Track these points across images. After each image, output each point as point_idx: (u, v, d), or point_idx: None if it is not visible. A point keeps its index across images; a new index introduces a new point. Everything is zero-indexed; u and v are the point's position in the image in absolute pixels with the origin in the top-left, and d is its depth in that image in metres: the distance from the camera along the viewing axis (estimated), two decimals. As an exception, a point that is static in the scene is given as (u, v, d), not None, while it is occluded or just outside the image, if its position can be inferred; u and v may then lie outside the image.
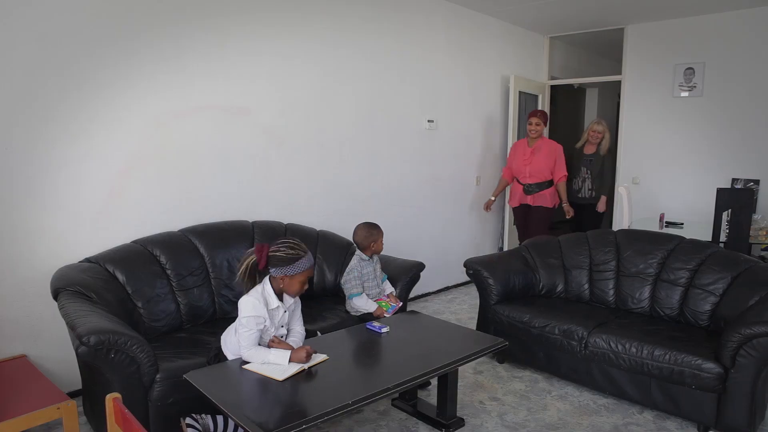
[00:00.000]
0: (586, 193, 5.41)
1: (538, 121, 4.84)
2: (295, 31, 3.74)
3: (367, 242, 3.17)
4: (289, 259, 2.29)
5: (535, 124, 4.84)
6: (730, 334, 2.57)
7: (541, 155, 4.87)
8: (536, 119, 4.84)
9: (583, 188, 5.42)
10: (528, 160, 4.90)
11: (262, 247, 2.31)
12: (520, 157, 4.96)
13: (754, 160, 5.20)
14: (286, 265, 2.29)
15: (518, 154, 5.01)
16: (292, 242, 2.36)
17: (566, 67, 6.85)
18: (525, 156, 4.93)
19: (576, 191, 5.41)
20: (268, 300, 2.33)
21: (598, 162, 5.30)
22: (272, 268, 2.31)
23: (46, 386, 2.48)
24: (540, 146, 4.89)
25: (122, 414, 1.42)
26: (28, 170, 2.71)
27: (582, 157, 5.40)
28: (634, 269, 3.45)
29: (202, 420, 2.30)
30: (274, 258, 2.30)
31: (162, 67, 3.10)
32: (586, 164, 5.36)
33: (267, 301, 2.32)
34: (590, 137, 5.32)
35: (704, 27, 5.37)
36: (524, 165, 4.92)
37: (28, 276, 2.76)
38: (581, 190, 5.42)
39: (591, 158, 5.33)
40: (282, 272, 2.30)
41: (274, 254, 2.30)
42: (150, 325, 2.81)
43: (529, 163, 4.89)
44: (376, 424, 2.78)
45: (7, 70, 2.60)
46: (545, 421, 2.83)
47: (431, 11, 4.77)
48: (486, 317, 3.52)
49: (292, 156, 3.84)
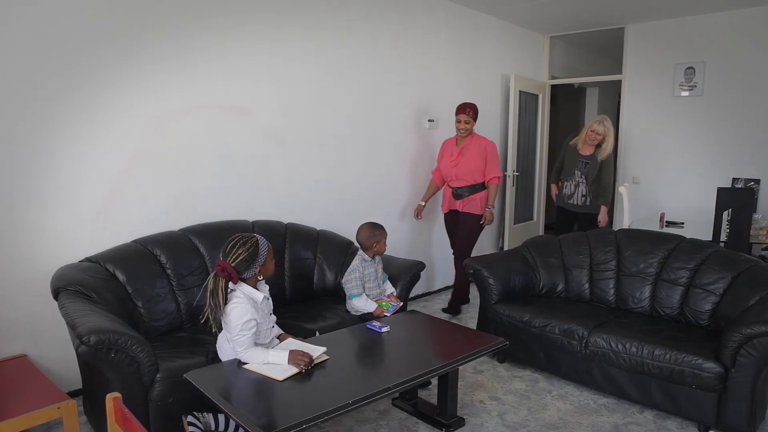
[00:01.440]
0: (579, 200, 4.72)
1: (467, 118, 4.22)
2: (295, 31, 3.73)
3: (370, 242, 3.17)
4: (252, 253, 2.33)
5: (464, 122, 4.22)
6: (730, 334, 2.57)
7: (469, 155, 4.28)
8: (465, 116, 4.22)
9: (576, 194, 4.73)
10: (455, 161, 4.30)
11: (223, 264, 2.28)
12: (448, 158, 4.37)
13: (755, 159, 5.20)
14: (254, 259, 2.34)
15: (446, 155, 4.41)
16: (237, 239, 2.35)
17: (566, 66, 6.85)
18: (452, 157, 4.33)
19: (567, 196, 4.78)
20: (252, 297, 2.36)
21: (594, 166, 4.59)
22: (245, 272, 2.34)
23: (46, 386, 2.48)
24: (469, 145, 4.29)
25: (122, 413, 1.42)
26: (29, 170, 2.71)
27: (576, 158, 4.71)
28: (634, 269, 3.45)
29: (203, 418, 2.31)
30: (241, 263, 2.31)
31: (162, 66, 3.10)
32: (580, 167, 4.68)
33: (252, 298, 2.35)
34: (587, 137, 4.61)
35: (705, 26, 5.36)
36: (451, 167, 4.33)
37: (28, 275, 2.76)
38: (573, 195, 4.74)
39: (587, 161, 4.65)
40: (255, 267, 2.36)
41: (237, 261, 2.30)
42: (150, 325, 2.81)
43: (456, 164, 4.30)
44: (376, 423, 2.78)
45: (8, 71, 2.60)
46: (545, 420, 2.82)
47: (431, 10, 4.77)
48: (486, 317, 3.52)
49: (292, 155, 3.84)
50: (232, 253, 2.31)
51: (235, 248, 2.32)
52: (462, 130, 4.26)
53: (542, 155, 6.51)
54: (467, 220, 4.35)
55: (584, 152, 4.67)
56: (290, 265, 3.48)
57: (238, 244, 2.33)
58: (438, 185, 4.55)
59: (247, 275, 2.36)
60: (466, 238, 4.38)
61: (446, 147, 4.46)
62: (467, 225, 4.36)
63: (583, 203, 4.70)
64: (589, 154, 4.63)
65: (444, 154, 4.44)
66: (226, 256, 2.31)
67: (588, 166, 4.62)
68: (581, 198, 4.71)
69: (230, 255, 2.31)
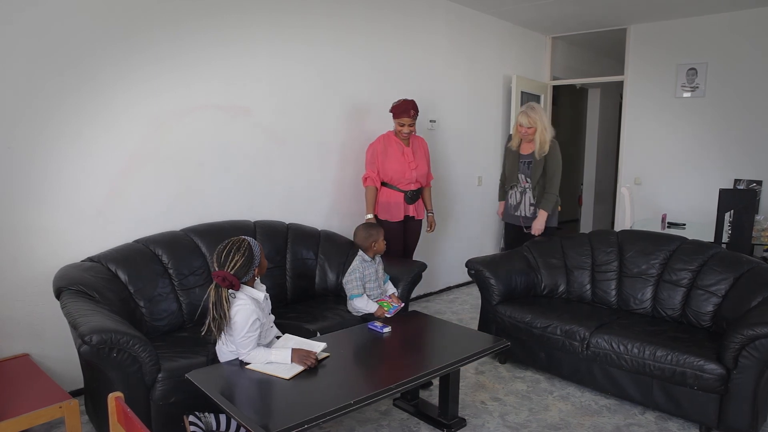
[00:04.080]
0: (527, 211, 3.90)
1: (412, 121, 3.77)
2: (295, 31, 3.74)
3: (368, 243, 3.17)
4: (248, 257, 2.33)
5: (408, 125, 3.76)
6: (732, 336, 2.57)
7: (419, 156, 3.92)
8: (410, 119, 3.75)
9: (523, 203, 3.90)
10: (413, 163, 3.85)
11: (222, 274, 2.26)
12: (398, 159, 3.81)
13: (757, 160, 5.19)
14: (251, 262, 2.35)
15: (393, 156, 3.81)
16: (229, 246, 2.33)
17: (568, 67, 6.84)
18: (407, 158, 3.84)
19: (513, 208, 3.97)
20: (255, 297, 2.37)
21: (537, 166, 3.80)
22: (244, 277, 2.34)
23: (48, 385, 2.48)
24: (416, 144, 3.94)
25: (124, 413, 1.42)
26: (30, 170, 2.72)
27: (518, 160, 3.92)
28: (636, 270, 3.45)
29: (204, 418, 2.31)
30: (240, 269, 2.31)
31: (163, 66, 3.11)
32: (523, 169, 3.89)
33: (255, 298, 2.36)
34: (518, 133, 3.86)
35: (707, 27, 5.36)
36: (410, 169, 3.83)
37: (30, 275, 2.77)
38: (519, 206, 3.92)
39: (528, 160, 3.86)
40: (253, 268, 2.37)
41: (236, 267, 2.30)
42: (152, 325, 2.81)
43: (415, 167, 3.85)
44: (377, 423, 2.78)
45: (9, 71, 2.61)
46: (547, 421, 2.82)
47: (432, 11, 4.77)
48: (488, 317, 3.52)
49: (292, 155, 3.84)
50: (229, 261, 2.29)
51: (231, 255, 2.30)
52: (407, 133, 3.80)
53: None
54: (417, 228, 4.04)
55: (525, 151, 3.92)
56: (292, 265, 3.49)
57: (232, 251, 2.31)
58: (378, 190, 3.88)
59: (246, 278, 2.37)
60: (414, 246, 4.08)
61: (389, 147, 3.82)
62: (417, 232, 4.06)
63: (533, 214, 3.90)
64: (530, 152, 3.89)
65: (390, 156, 3.81)
66: (222, 265, 2.29)
67: (531, 166, 3.87)
68: (529, 208, 3.90)
69: (227, 263, 2.29)
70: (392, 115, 3.81)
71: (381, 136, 3.90)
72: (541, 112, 3.78)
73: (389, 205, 3.84)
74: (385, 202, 3.85)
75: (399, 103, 3.76)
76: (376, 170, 3.82)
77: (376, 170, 3.82)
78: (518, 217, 3.97)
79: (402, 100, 3.77)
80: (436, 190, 5.03)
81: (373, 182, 3.81)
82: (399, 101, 3.79)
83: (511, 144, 4.01)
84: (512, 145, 3.99)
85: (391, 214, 3.83)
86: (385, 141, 3.85)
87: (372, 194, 3.81)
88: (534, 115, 3.75)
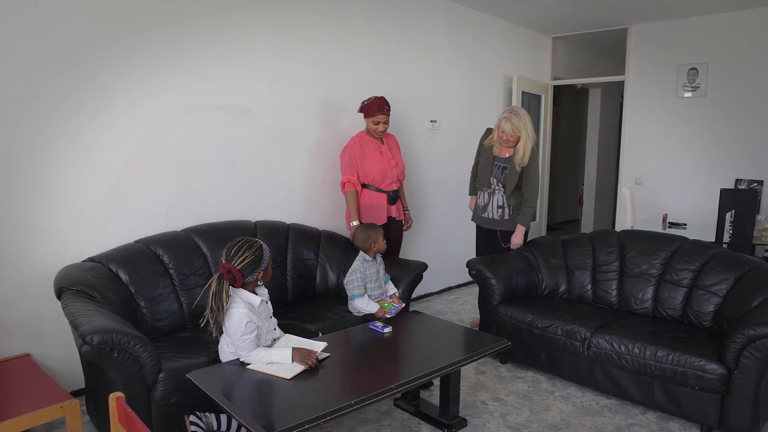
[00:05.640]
0: (494, 213, 3.74)
1: (387, 118, 3.64)
2: (295, 31, 3.74)
3: (367, 244, 3.17)
4: (257, 257, 2.33)
5: (383, 122, 3.62)
6: (733, 336, 2.56)
7: (396, 152, 3.82)
8: (388, 108, 3.63)
9: (491, 205, 3.75)
10: (393, 161, 3.72)
11: (228, 266, 2.27)
12: (378, 158, 3.66)
13: (758, 160, 5.19)
14: (259, 263, 2.34)
15: (372, 156, 3.66)
16: (242, 242, 2.35)
17: (569, 67, 6.84)
18: (385, 156, 3.69)
19: (480, 209, 3.84)
20: (250, 302, 2.35)
21: (513, 175, 3.62)
22: (248, 276, 2.33)
23: (49, 385, 2.48)
24: (390, 142, 3.81)
25: (125, 413, 1.42)
26: (30, 170, 2.72)
27: (492, 162, 3.73)
28: (637, 270, 3.45)
29: (205, 418, 2.31)
30: (247, 267, 2.31)
31: (163, 66, 3.11)
32: (496, 172, 3.70)
33: (250, 303, 2.35)
34: (499, 138, 3.65)
35: (708, 27, 5.36)
36: (390, 167, 3.70)
37: (31, 275, 2.77)
38: (487, 207, 3.77)
39: (504, 165, 3.67)
40: (258, 271, 2.36)
41: (243, 264, 2.30)
42: (153, 325, 2.81)
43: (395, 165, 3.73)
44: (378, 424, 2.78)
45: (9, 71, 2.61)
46: (548, 421, 2.82)
47: (433, 11, 4.77)
48: (488, 317, 3.52)
49: (293, 156, 3.84)
50: (238, 256, 2.30)
51: (241, 251, 2.31)
52: (382, 131, 3.66)
53: (544, 156, 6.51)
54: (399, 228, 3.88)
55: (501, 154, 3.71)
56: (292, 265, 3.48)
57: (244, 247, 2.33)
58: (359, 192, 3.69)
59: (249, 279, 2.36)
60: (399, 247, 3.94)
61: (366, 147, 3.67)
62: (400, 233, 3.91)
63: (501, 217, 3.74)
64: (507, 157, 3.68)
65: (368, 157, 3.66)
66: (230, 259, 2.30)
67: (505, 171, 3.66)
68: (497, 210, 3.74)
69: (236, 258, 2.30)
70: (363, 115, 3.66)
71: (354, 137, 3.73)
72: (525, 119, 3.56)
73: (371, 208, 3.68)
74: (367, 204, 3.67)
75: (371, 101, 3.61)
76: (356, 173, 3.63)
77: (356, 173, 3.63)
78: (485, 219, 3.84)
79: (373, 98, 3.63)
80: (437, 191, 5.04)
81: (354, 186, 3.62)
82: (370, 99, 3.64)
83: (488, 141, 3.78)
84: (489, 142, 3.77)
85: (373, 217, 3.66)
86: (360, 142, 3.69)
87: (354, 199, 3.62)
88: (518, 122, 3.53)
